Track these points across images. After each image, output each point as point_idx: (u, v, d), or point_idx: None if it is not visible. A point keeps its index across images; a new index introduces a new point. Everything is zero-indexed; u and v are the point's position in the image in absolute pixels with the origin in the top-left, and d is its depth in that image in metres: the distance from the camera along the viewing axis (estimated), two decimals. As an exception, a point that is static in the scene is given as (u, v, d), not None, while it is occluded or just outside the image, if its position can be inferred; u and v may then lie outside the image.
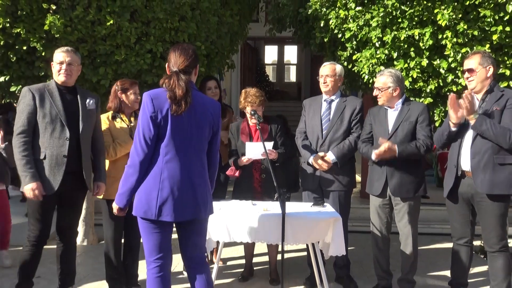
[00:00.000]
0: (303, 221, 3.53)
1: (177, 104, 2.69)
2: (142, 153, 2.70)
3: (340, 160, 4.02)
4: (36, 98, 3.37)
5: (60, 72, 3.47)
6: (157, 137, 2.72)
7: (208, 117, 2.84)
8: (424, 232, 5.76)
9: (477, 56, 3.49)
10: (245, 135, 4.22)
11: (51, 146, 3.38)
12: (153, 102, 2.69)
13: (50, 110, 3.39)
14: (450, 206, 3.72)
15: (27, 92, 3.39)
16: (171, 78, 2.74)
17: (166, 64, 2.87)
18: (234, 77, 11.17)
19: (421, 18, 4.30)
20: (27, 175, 3.28)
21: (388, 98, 3.85)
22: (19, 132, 3.34)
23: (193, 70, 2.85)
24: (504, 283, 3.48)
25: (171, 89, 2.70)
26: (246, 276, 4.38)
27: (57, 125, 3.40)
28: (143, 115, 2.71)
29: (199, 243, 2.93)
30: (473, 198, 3.52)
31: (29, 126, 3.35)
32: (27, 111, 3.35)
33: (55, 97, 3.43)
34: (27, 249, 3.50)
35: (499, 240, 3.45)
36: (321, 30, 5.04)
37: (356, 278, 4.28)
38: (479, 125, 3.34)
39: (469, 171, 3.48)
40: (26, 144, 3.33)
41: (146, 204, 2.70)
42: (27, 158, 3.31)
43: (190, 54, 2.82)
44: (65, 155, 3.41)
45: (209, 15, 4.90)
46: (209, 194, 2.91)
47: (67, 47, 3.57)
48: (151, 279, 2.81)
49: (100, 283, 4.20)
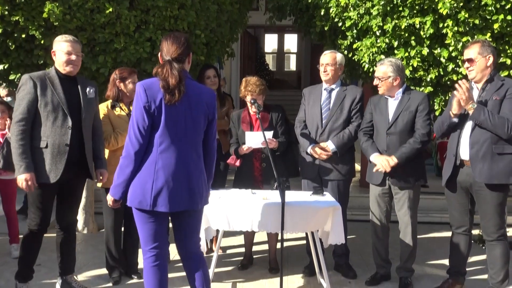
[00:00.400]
0: (302, 209, 3.54)
1: (170, 93, 2.66)
2: (137, 143, 2.68)
3: (340, 149, 4.02)
4: (37, 86, 3.33)
5: (69, 63, 3.42)
6: (151, 127, 2.70)
7: (203, 106, 2.81)
8: (423, 221, 5.77)
9: (477, 46, 3.47)
10: (246, 124, 4.21)
11: (53, 134, 3.36)
12: (146, 92, 2.66)
13: (52, 99, 3.36)
14: (448, 195, 3.73)
15: (28, 79, 3.35)
16: (164, 67, 2.71)
17: (159, 54, 2.84)
18: (234, 65, 11.13)
19: (422, 6, 4.27)
20: (22, 164, 3.25)
21: (389, 87, 3.84)
22: (18, 119, 3.30)
23: (186, 58, 2.82)
24: (502, 272, 3.51)
25: (164, 78, 2.68)
26: (246, 265, 4.40)
27: (59, 114, 3.37)
28: (136, 105, 2.69)
29: (193, 234, 2.93)
30: (471, 187, 3.53)
31: (29, 114, 3.31)
32: (28, 99, 3.31)
33: (56, 86, 3.40)
34: (27, 237, 3.50)
35: (497, 229, 3.47)
36: (321, 19, 5.01)
37: (355, 266, 4.30)
38: (477, 115, 3.34)
39: (467, 161, 3.48)
40: (24, 133, 3.29)
41: (140, 195, 2.69)
42: (24, 147, 3.27)
43: (183, 42, 2.78)
44: (67, 144, 3.39)
45: (208, 3, 4.87)
46: (205, 184, 2.89)
47: (72, 37, 3.52)
48: (147, 268, 2.82)
49: (100, 271, 4.22)
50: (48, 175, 3.34)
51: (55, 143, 3.36)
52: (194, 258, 2.92)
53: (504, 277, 3.51)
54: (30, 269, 3.60)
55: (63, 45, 3.42)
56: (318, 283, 4.04)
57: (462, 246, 3.74)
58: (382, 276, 4.06)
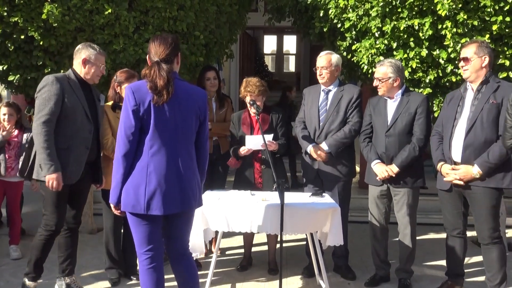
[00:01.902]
0: (301, 211, 3.54)
1: (158, 94, 2.65)
2: (124, 147, 2.67)
3: (334, 149, 4.00)
4: (64, 88, 3.39)
5: (99, 75, 3.57)
6: (141, 130, 2.69)
7: (194, 107, 2.80)
8: (422, 222, 5.76)
9: (474, 46, 3.48)
10: (246, 126, 4.21)
11: (76, 137, 3.43)
12: (135, 95, 2.65)
13: (75, 102, 3.43)
14: (442, 197, 3.73)
15: (54, 80, 3.38)
16: (151, 69, 2.70)
17: (147, 56, 2.84)
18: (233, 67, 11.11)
19: (420, 8, 4.28)
20: (52, 164, 3.29)
21: (388, 88, 3.84)
22: (45, 120, 3.31)
23: (174, 59, 2.81)
24: (500, 274, 3.49)
25: (151, 80, 2.67)
26: (245, 266, 4.40)
27: (82, 117, 3.47)
28: (124, 108, 2.68)
29: (185, 235, 2.94)
30: (465, 190, 3.52)
31: (55, 115, 3.35)
32: (54, 100, 3.34)
33: (77, 90, 3.48)
34: (42, 238, 3.53)
35: (491, 232, 3.45)
36: (320, 20, 5.01)
37: (355, 268, 4.30)
38: (486, 170, 3.33)
39: (460, 163, 3.47)
40: (50, 134, 3.32)
41: (134, 199, 2.68)
42: (52, 148, 3.31)
43: (170, 42, 2.78)
44: (88, 146, 3.49)
45: (207, 4, 4.87)
46: (198, 185, 2.88)
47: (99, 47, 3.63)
48: (143, 270, 2.82)
49: (99, 273, 4.21)
50: (70, 176, 3.41)
51: (77, 145, 3.44)
52: (184, 259, 2.93)
53: (502, 279, 3.50)
54: (40, 269, 3.63)
55: (101, 59, 3.56)
56: (317, 285, 4.04)
57: (457, 249, 3.73)
58: (381, 277, 4.06)
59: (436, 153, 3.67)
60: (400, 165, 3.75)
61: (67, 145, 3.40)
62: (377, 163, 3.86)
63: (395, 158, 3.79)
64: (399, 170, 3.75)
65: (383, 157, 3.86)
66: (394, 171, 3.76)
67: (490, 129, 3.37)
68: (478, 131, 3.39)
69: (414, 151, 3.74)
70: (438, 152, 3.66)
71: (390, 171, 3.77)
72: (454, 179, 3.48)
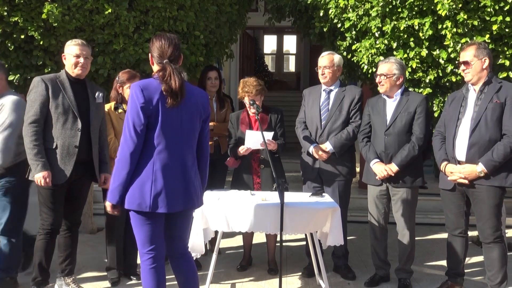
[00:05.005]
0: (301, 211, 3.54)
1: (174, 96, 2.65)
2: (133, 144, 2.64)
3: (338, 150, 4.02)
4: (49, 89, 3.41)
5: (78, 66, 3.52)
6: (146, 128, 2.68)
7: (198, 107, 2.82)
8: (422, 222, 5.78)
9: (472, 48, 3.49)
10: (244, 125, 4.21)
11: (63, 136, 3.44)
12: (143, 93, 2.64)
13: (63, 101, 3.45)
14: (445, 197, 3.73)
15: (39, 82, 3.43)
16: (166, 70, 2.69)
17: (150, 55, 2.82)
18: (233, 67, 11.11)
19: (421, 8, 4.28)
20: (39, 163, 3.33)
21: (391, 85, 3.85)
22: (31, 121, 3.37)
23: (179, 59, 2.82)
24: (500, 273, 3.50)
25: (166, 82, 2.66)
26: (245, 266, 4.40)
27: (70, 116, 3.46)
28: (132, 105, 2.65)
29: (185, 234, 2.95)
30: (468, 188, 3.53)
31: (41, 115, 3.39)
32: (40, 101, 3.39)
33: (66, 89, 3.49)
34: (41, 238, 3.55)
35: (493, 231, 3.46)
36: (320, 20, 5.01)
37: (354, 267, 4.30)
38: (491, 168, 3.34)
39: (464, 162, 3.48)
40: (37, 134, 3.37)
41: (139, 197, 2.66)
42: (39, 147, 3.36)
43: (176, 42, 2.78)
44: (76, 145, 3.48)
45: (207, 4, 4.87)
46: (199, 184, 2.89)
47: (81, 40, 3.62)
48: (145, 270, 2.81)
49: (99, 273, 4.21)
50: (58, 175, 3.42)
51: (65, 144, 3.45)
52: (184, 258, 2.93)
53: (502, 278, 3.50)
54: (47, 272, 3.64)
55: (72, 49, 3.53)
56: (317, 285, 4.04)
57: (458, 248, 3.73)
58: (381, 277, 4.06)
59: (439, 153, 3.68)
60: (400, 164, 3.75)
61: (55, 145, 3.43)
62: (376, 162, 3.86)
63: (394, 157, 3.80)
64: (398, 169, 3.76)
65: (382, 156, 3.87)
66: (393, 170, 3.77)
67: (494, 128, 3.38)
68: (482, 130, 3.39)
69: (413, 150, 3.75)
70: (441, 152, 3.66)
71: (389, 170, 3.77)
72: (458, 178, 3.48)
